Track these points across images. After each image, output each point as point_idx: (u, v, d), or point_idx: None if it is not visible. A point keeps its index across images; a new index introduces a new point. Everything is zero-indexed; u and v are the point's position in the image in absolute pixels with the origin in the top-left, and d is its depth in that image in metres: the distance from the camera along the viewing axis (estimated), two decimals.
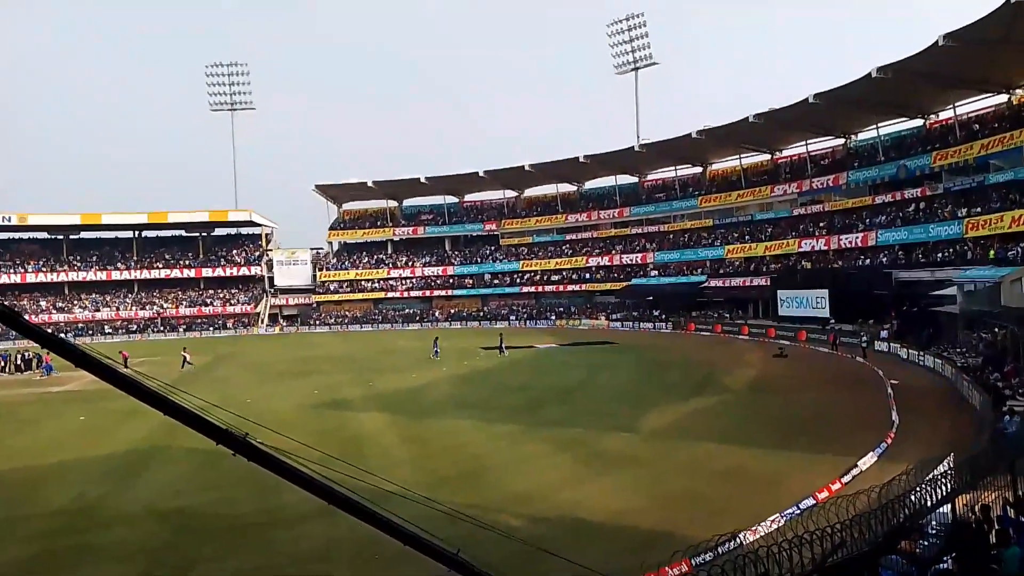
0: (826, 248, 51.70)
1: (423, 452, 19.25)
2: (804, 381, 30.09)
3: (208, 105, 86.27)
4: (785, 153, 61.63)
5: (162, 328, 74.92)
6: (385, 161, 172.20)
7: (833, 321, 44.23)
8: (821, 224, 54.03)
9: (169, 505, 15.13)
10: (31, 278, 75.69)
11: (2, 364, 41.30)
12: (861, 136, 54.96)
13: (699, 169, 68.73)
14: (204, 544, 12.87)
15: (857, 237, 49.23)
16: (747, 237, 60.05)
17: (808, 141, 57.64)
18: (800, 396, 26.45)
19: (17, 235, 79.17)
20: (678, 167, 69.67)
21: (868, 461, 16.12)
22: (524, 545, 9.48)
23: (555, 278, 74.47)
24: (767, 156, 62.39)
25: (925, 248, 43.58)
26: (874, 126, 52.25)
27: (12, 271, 75.51)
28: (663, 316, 61.45)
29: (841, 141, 56.06)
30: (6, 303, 4.32)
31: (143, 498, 15.69)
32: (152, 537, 13.31)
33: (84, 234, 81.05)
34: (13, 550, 12.70)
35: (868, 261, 47.58)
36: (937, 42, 36.32)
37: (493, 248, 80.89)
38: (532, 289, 75.23)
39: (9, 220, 73.71)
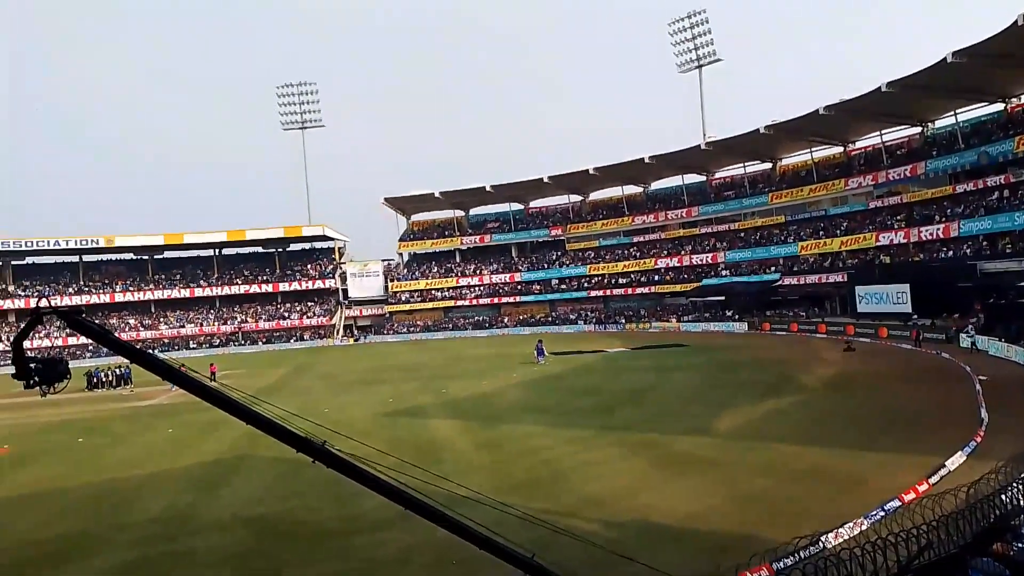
0: (905, 241, 49.82)
1: (496, 457, 19.42)
2: (886, 378, 29.06)
3: (280, 125, 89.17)
4: (858, 144, 59.80)
5: (243, 341, 77.73)
6: (451, 172, 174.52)
7: (915, 316, 42.58)
8: (899, 216, 52.13)
9: (254, 512, 15.70)
10: (119, 297, 79.54)
11: (95, 381, 43.44)
12: (938, 123, 52.86)
13: (768, 165, 67.30)
14: (287, 550, 13.30)
15: (938, 228, 47.27)
16: (821, 232, 58.41)
17: (882, 131, 55.84)
18: (882, 394, 25.57)
19: (105, 256, 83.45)
20: (746, 164, 68.39)
21: (957, 460, 15.48)
22: (599, 549, 9.52)
23: (623, 281, 73.91)
24: (839, 148, 60.65)
25: (1011, 237, 41.55)
26: (952, 112, 50.22)
27: (101, 291, 79.44)
28: (736, 316, 60.27)
29: (917, 129, 54.03)
30: (97, 322, 4.67)
31: (229, 506, 16.32)
32: (239, 543, 13.83)
33: (168, 253, 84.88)
34: (115, 556, 13.42)
35: (951, 253, 45.66)
36: (1017, 21, 34.80)
37: (559, 253, 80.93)
38: (600, 293, 74.85)
39: (97, 242, 77.78)
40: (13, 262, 78.74)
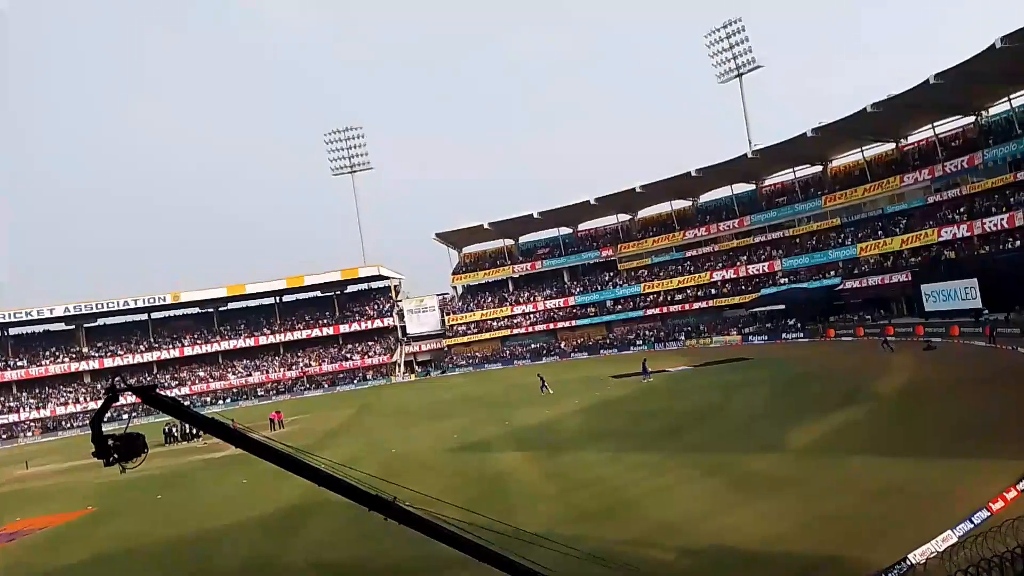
0: (969, 234, 48.14)
1: (564, 487, 19.28)
2: (961, 381, 27.97)
3: (330, 171, 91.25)
4: (911, 139, 58.20)
5: (308, 386, 79.12)
6: (499, 202, 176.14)
7: (987, 311, 40.95)
8: (960, 209, 50.42)
9: (330, 557, 15.91)
10: (188, 351, 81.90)
11: (171, 434, 44.49)
12: (992, 111, 51.15)
13: (819, 168, 65.95)
14: None
15: (1002, 219, 45.57)
16: (880, 232, 56.88)
17: (935, 124, 54.25)
18: (958, 398, 24.59)
19: (172, 312, 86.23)
20: (796, 168, 67.16)
21: None
22: None
23: (679, 297, 73.07)
24: (891, 145, 59.12)
25: None
26: (1006, 99, 48.54)
27: (171, 346, 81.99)
28: (798, 325, 58.88)
29: (971, 119, 52.33)
30: (168, 376, 4.90)
31: (306, 552, 16.57)
32: None
33: (231, 305, 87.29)
34: None
35: (1018, 243, 43.92)
36: None
37: (612, 274, 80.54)
38: (656, 311, 74.11)
39: (164, 299, 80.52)
40: (85, 325, 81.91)
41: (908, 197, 56.25)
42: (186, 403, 5.19)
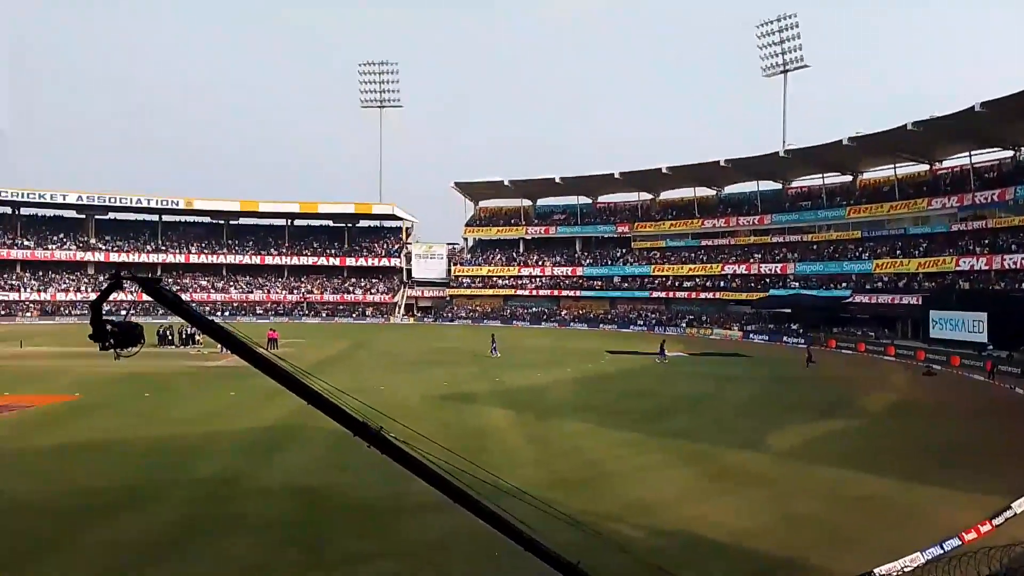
0: (987, 268, 47.73)
1: (544, 452, 19.40)
2: (953, 409, 27.96)
3: (359, 101, 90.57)
4: (945, 164, 57.44)
5: (307, 312, 79.69)
6: (521, 160, 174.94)
7: (991, 347, 40.75)
8: (983, 241, 49.92)
9: (304, 483, 16.04)
10: (194, 258, 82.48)
11: (166, 338, 45.05)
12: None
13: (848, 178, 65.25)
14: (334, 523, 13.54)
15: (1023, 257, 45.11)
16: (898, 252, 56.40)
17: (972, 152, 53.40)
18: (947, 425, 24.61)
19: (183, 218, 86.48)
20: (825, 175, 66.43)
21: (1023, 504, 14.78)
22: (640, 560, 9.41)
23: (687, 284, 72.82)
24: (925, 166, 58.34)
25: None
26: None
27: (178, 251, 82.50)
28: (801, 330, 58.74)
29: (1009, 154, 51.59)
30: (171, 281, 4.85)
31: (281, 474, 16.72)
32: (286, 513, 14.09)
33: (242, 220, 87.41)
34: (165, 513, 13.86)
35: None
36: None
37: (624, 251, 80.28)
38: (663, 294, 73.94)
39: (177, 204, 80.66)
40: (96, 216, 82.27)
41: (933, 221, 55.68)
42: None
